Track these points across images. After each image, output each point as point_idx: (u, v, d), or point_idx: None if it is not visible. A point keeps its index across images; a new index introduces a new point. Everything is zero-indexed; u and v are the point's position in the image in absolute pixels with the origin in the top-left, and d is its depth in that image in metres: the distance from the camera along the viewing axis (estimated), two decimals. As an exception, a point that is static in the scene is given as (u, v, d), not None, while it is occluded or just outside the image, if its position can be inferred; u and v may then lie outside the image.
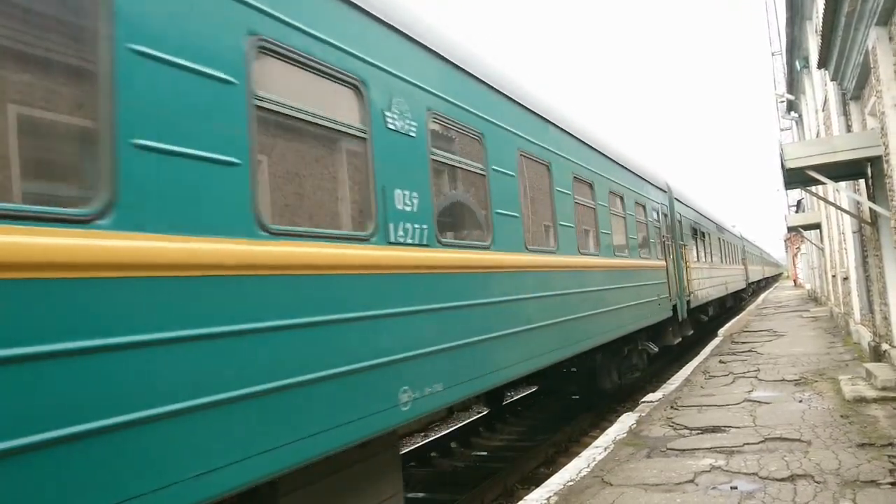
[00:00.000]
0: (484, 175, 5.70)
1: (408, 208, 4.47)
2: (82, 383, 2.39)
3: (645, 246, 11.48)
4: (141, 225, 2.67)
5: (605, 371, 10.08)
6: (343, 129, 4.05)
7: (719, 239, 23.56)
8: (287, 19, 3.59)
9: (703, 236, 19.22)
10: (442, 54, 5.21)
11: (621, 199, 10.19)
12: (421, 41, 4.92)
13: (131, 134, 2.70)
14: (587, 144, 8.69)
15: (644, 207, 11.71)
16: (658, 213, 12.90)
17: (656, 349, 11.92)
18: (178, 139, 2.89)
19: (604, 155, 9.42)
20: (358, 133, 4.15)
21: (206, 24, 3.13)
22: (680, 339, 13.84)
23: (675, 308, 13.08)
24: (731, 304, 28.49)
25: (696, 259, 16.92)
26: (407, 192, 4.48)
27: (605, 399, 10.94)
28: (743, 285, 31.69)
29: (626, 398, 11.41)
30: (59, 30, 2.68)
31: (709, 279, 18.86)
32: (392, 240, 4.27)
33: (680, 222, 15.06)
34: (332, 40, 3.92)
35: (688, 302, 14.44)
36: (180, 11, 2.99)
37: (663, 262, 12.53)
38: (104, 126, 2.63)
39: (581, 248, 7.91)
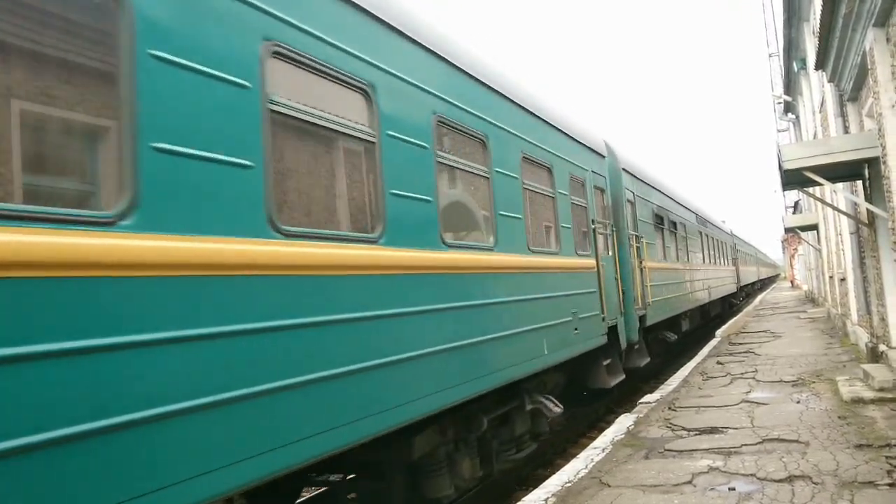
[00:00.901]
0: None
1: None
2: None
3: (551, 236, 7.44)
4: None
5: (441, 466, 5.37)
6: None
7: (701, 233, 19.64)
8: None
9: (675, 228, 15.27)
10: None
11: (493, 149, 6.03)
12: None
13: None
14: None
15: (550, 172, 7.45)
16: (585, 188, 8.72)
17: (559, 410, 7.03)
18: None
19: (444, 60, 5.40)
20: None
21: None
22: (622, 377, 9.30)
23: (614, 330, 9.15)
24: (717, 312, 24.19)
25: (661, 258, 13.22)
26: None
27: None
28: (733, 289, 27.81)
29: (624, 399, 11.41)
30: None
31: (682, 284, 15.01)
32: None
33: (632, 205, 11.19)
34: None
35: (642, 318, 10.69)
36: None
37: (592, 262, 8.48)
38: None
39: (356, 229, 4.33)
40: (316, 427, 3.46)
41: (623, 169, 10.92)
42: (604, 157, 9.94)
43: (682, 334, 15.49)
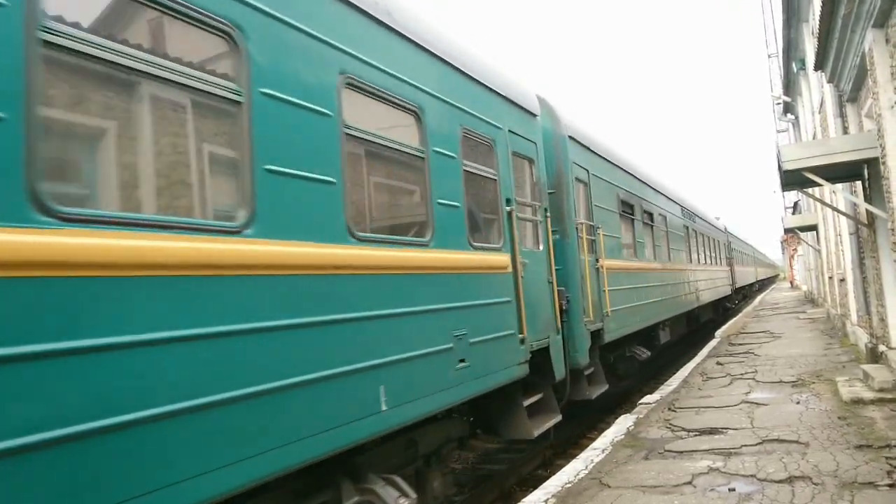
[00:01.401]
0: None
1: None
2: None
3: (415, 217, 5.05)
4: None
5: None
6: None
7: (688, 229, 16.98)
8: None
9: (652, 220, 12.86)
10: None
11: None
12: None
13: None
14: None
15: (418, 118, 4.90)
16: (495, 152, 6.11)
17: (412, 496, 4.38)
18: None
19: None
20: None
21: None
22: (554, 420, 6.71)
23: (546, 353, 6.65)
24: (709, 318, 21.65)
25: (631, 255, 10.93)
26: None
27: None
28: (728, 291, 25.22)
29: (624, 400, 11.41)
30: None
31: (660, 288, 12.44)
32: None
33: (585, 186, 8.89)
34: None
35: (597, 333, 8.38)
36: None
37: (502, 259, 5.90)
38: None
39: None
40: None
41: (570, 137, 8.39)
42: (535, 115, 7.22)
43: (660, 348, 12.95)
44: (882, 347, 8.86)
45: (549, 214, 7.21)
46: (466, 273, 5.31)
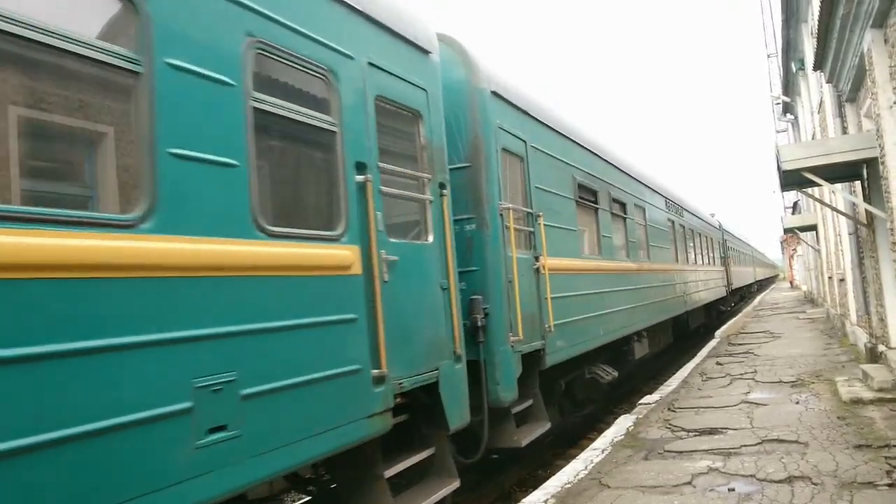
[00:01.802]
0: None
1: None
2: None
3: (157, 187, 2.93)
4: None
5: None
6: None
7: (673, 224, 15.32)
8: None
9: (625, 212, 11.01)
10: None
11: None
12: None
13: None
14: None
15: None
16: (338, 93, 4.16)
17: None
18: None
19: None
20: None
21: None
22: (453, 485, 4.93)
23: (434, 391, 4.86)
24: (702, 322, 19.95)
25: (593, 252, 9.17)
26: None
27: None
28: (722, 293, 23.44)
29: (624, 400, 11.41)
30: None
31: (631, 293, 10.51)
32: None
33: (521, 161, 7.00)
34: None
35: (532, 356, 6.58)
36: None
37: (343, 256, 3.99)
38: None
39: None
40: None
41: (494, 94, 6.45)
42: (426, 53, 5.31)
43: (633, 364, 11.05)
44: (881, 347, 8.87)
45: (446, 192, 5.31)
46: (243, 276, 3.30)
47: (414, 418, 4.84)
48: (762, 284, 61.74)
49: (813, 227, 20.63)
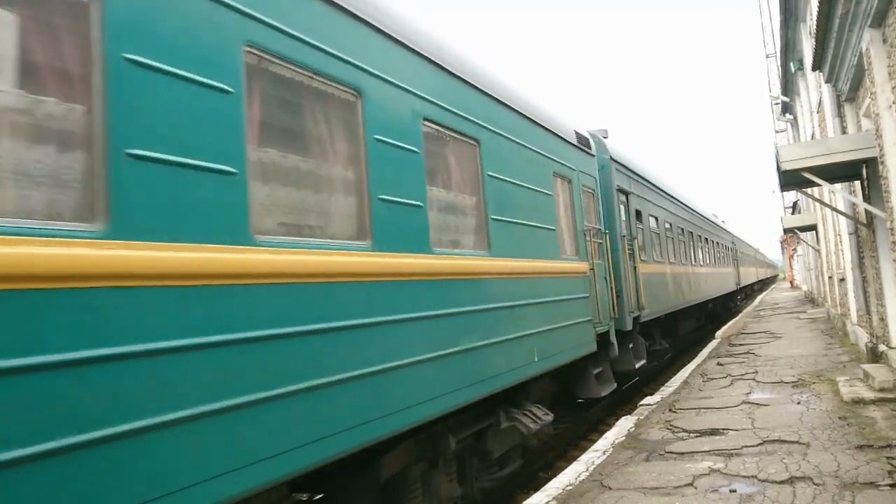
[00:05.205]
0: None
1: None
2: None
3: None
4: None
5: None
6: None
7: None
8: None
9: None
10: None
11: None
12: None
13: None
14: None
15: None
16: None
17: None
18: None
19: None
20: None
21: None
22: None
23: None
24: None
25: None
26: None
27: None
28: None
29: (625, 401, 11.40)
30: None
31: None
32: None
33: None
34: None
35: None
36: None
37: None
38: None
39: None
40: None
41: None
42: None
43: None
44: (882, 347, 8.86)
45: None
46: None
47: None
48: (763, 284, 61.53)
49: (813, 227, 20.63)
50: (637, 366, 10.08)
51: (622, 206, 10.52)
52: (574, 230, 8.02)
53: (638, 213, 11.68)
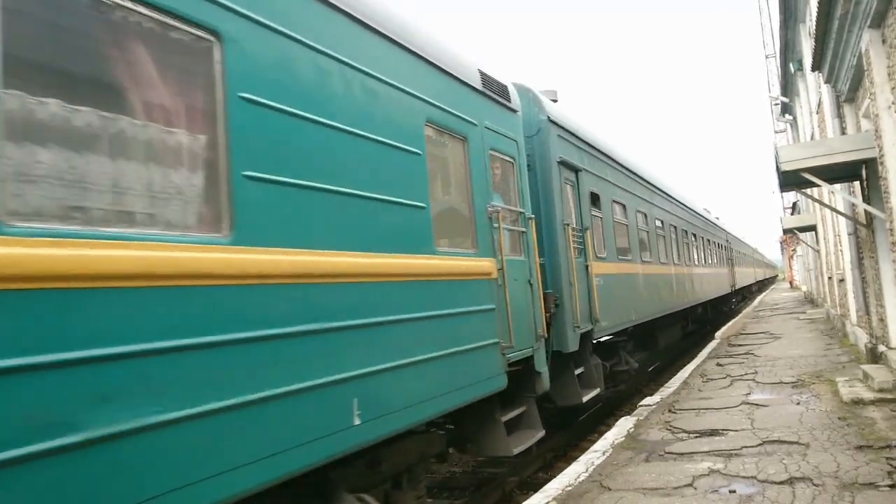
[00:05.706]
0: None
1: None
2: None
3: None
4: None
5: None
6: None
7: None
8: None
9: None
10: None
11: None
12: None
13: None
14: None
15: None
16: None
17: None
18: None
19: None
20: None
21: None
22: None
23: None
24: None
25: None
26: None
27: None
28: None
29: (624, 402, 11.40)
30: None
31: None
32: None
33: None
34: None
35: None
36: None
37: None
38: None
39: None
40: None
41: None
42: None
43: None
44: (882, 347, 8.86)
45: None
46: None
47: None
48: (762, 284, 61.54)
49: (812, 228, 20.64)
50: (586, 398, 7.88)
51: (569, 186, 8.18)
52: (471, 212, 5.58)
53: (594, 198, 9.32)
